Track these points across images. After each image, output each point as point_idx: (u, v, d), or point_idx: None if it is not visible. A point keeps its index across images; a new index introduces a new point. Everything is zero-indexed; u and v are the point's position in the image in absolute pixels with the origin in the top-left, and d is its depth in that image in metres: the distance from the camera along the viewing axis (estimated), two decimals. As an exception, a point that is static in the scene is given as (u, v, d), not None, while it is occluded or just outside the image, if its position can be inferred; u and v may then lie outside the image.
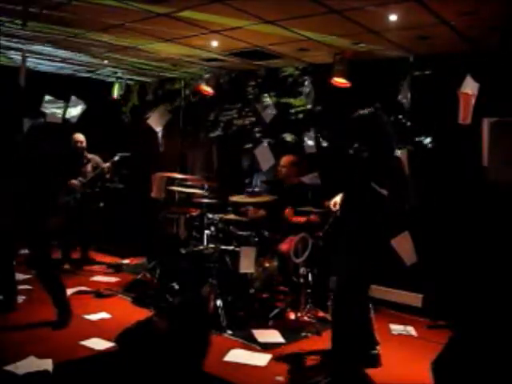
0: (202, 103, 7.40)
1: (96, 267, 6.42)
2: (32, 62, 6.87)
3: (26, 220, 4.16)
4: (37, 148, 4.38)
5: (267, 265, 4.97)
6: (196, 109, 7.53)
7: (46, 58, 6.71)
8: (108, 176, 6.63)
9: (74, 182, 6.24)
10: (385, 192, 3.33)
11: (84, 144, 6.52)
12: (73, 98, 6.09)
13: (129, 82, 8.25)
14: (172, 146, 7.64)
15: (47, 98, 5.61)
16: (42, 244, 4.29)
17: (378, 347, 3.70)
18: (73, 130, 6.44)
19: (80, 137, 6.51)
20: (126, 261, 6.78)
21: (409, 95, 5.02)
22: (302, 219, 4.97)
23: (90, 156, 6.57)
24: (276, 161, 5.22)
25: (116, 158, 6.54)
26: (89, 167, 6.52)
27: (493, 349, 2.60)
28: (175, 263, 5.16)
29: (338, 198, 3.88)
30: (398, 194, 3.41)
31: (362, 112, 3.54)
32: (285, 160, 5.38)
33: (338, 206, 3.81)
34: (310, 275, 4.83)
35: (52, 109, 5.84)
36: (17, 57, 6.43)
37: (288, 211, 5.08)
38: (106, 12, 4.37)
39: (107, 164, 6.49)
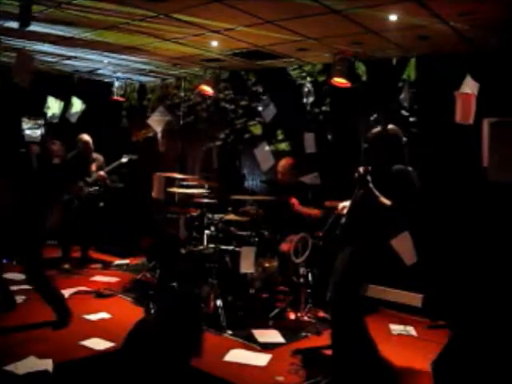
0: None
1: (95, 267, 6.43)
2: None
3: (19, 225, 4.15)
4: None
5: (267, 265, 4.97)
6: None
7: (45, 57, 6.72)
8: (109, 181, 6.65)
9: (75, 189, 6.27)
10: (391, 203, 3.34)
11: (92, 145, 6.55)
12: (73, 98, 6.11)
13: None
14: (172, 146, 7.66)
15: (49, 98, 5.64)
16: (32, 250, 4.27)
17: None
18: (76, 130, 6.47)
19: (88, 138, 6.53)
20: (126, 261, 6.78)
21: (409, 96, 5.02)
22: (316, 212, 4.93)
23: (94, 156, 6.62)
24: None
25: (123, 160, 6.57)
26: (93, 166, 6.56)
27: (493, 349, 2.60)
28: (175, 263, 5.17)
29: (347, 203, 3.79)
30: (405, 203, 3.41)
31: (376, 130, 3.52)
32: (282, 165, 5.33)
33: (345, 211, 3.74)
34: (310, 275, 4.83)
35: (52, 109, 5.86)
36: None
37: (294, 200, 5.04)
38: (106, 11, 4.38)
39: (101, 172, 6.51)
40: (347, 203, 3.73)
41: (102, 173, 6.51)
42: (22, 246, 4.22)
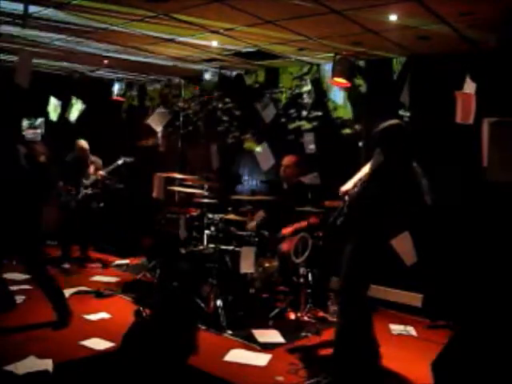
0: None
1: (95, 266, 6.44)
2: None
3: (17, 224, 4.14)
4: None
5: (267, 265, 4.97)
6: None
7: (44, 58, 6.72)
8: (108, 181, 6.68)
9: (68, 187, 6.32)
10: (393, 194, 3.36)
11: (88, 151, 6.61)
12: (73, 98, 6.11)
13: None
14: (172, 146, 7.67)
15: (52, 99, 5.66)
16: (32, 248, 4.27)
17: (378, 348, 3.70)
18: (76, 130, 6.48)
19: (84, 144, 6.59)
20: (126, 261, 6.78)
21: (408, 95, 5.02)
22: (303, 224, 4.95)
23: (92, 159, 6.67)
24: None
25: (120, 162, 6.60)
26: (91, 169, 6.60)
27: (493, 348, 2.60)
28: (175, 263, 5.17)
29: (349, 186, 3.75)
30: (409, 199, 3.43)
31: (386, 124, 3.53)
32: (288, 160, 5.36)
33: (346, 197, 3.69)
34: (309, 275, 4.83)
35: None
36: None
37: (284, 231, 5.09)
38: (105, 12, 4.38)
39: (101, 172, 6.56)
40: (348, 186, 3.69)
41: (101, 173, 6.57)
42: (22, 244, 4.21)
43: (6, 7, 4.33)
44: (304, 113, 6.17)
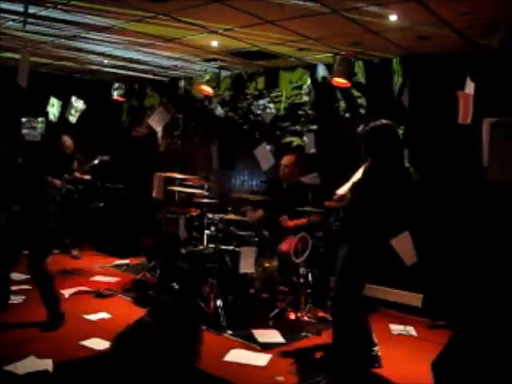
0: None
1: (96, 267, 6.46)
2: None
3: (30, 221, 4.14)
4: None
5: (267, 265, 4.97)
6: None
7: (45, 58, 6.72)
8: (89, 177, 6.68)
9: (56, 181, 6.35)
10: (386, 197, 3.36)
11: (72, 148, 6.65)
12: (73, 98, 6.11)
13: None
14: (172, 146, 7.67)
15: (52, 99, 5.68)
16: (40, 243, 4.26)
17: (375, 348, 3.70)
18: (76, 130, 6.49)
19: (68, 141, 6.61)
20: (126, 261, 6.78)
21: (407, 95, 5.02)
22: (303, 221, 4.95)
23: (77, 156, 6.70)
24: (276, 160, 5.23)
25: (96, 162, 6.59)
26: (75, 164, 6.63)
27: (493, 348, 2.60)
28: (175, 263, 5.17)
29: (344, 190, 3.75)
30: (401, 201, 3.43)
31: (374, 124, 3.53)
32: (287, 160, 5.36)
33: (343, 201, 3.70)
34: (309, 275, 4.83)
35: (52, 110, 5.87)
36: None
37: (282, 218, 5.08)
38: (104, 12, 4.38)
39: (77, 174, 6.57)
40: (344, 190, 3.70)
41: (76, 174, 6.58)
42: (32, 239, 4.20)
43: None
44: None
